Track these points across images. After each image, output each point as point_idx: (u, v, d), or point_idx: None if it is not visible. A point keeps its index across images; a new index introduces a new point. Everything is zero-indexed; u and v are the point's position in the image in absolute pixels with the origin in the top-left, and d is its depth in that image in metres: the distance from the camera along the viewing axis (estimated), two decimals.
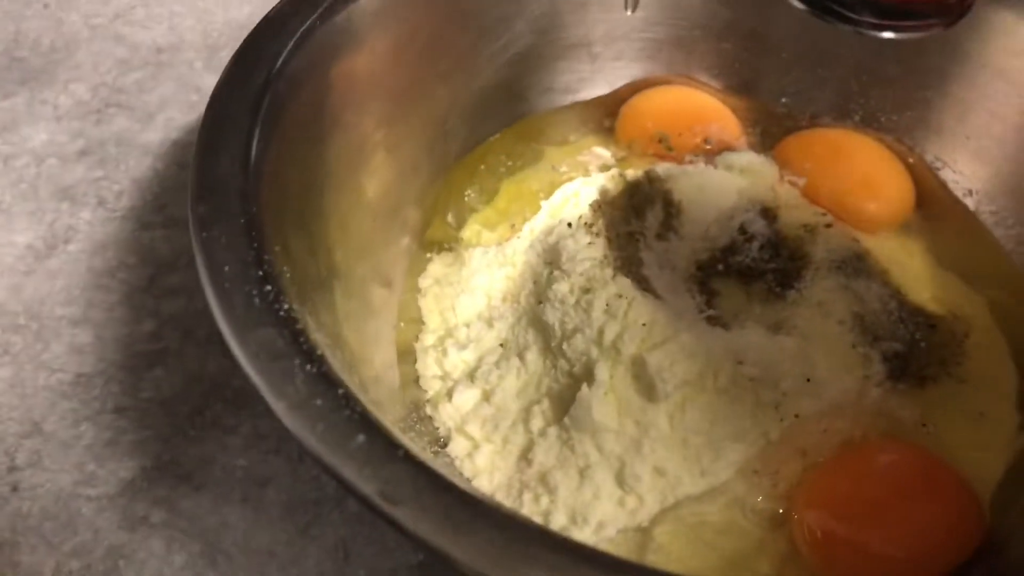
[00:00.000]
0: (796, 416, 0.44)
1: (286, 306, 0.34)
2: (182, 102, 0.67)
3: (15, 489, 0.46)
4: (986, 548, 0.40)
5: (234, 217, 0.36)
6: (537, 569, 0.27)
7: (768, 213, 0.52)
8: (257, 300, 0.33)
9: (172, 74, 0.69)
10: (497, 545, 0.27)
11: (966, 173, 0.54)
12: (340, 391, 0.31)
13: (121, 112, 0.66)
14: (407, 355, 0.50)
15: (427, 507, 0.28)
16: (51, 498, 0.46)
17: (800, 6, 0.36)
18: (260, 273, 0.34)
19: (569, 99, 0.60)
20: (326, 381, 0.31)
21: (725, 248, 0.51)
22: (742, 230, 0.51)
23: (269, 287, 0.34)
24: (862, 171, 0.55)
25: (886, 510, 0.40)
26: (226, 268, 0.34)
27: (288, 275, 0.36)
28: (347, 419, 0.30)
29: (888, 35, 0.36)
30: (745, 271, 0.50)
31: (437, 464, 0.30)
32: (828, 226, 0.51)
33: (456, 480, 0.29)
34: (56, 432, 0.49)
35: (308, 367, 0.32)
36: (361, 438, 0.30)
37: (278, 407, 0.31)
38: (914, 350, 0.47)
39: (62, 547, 0.45)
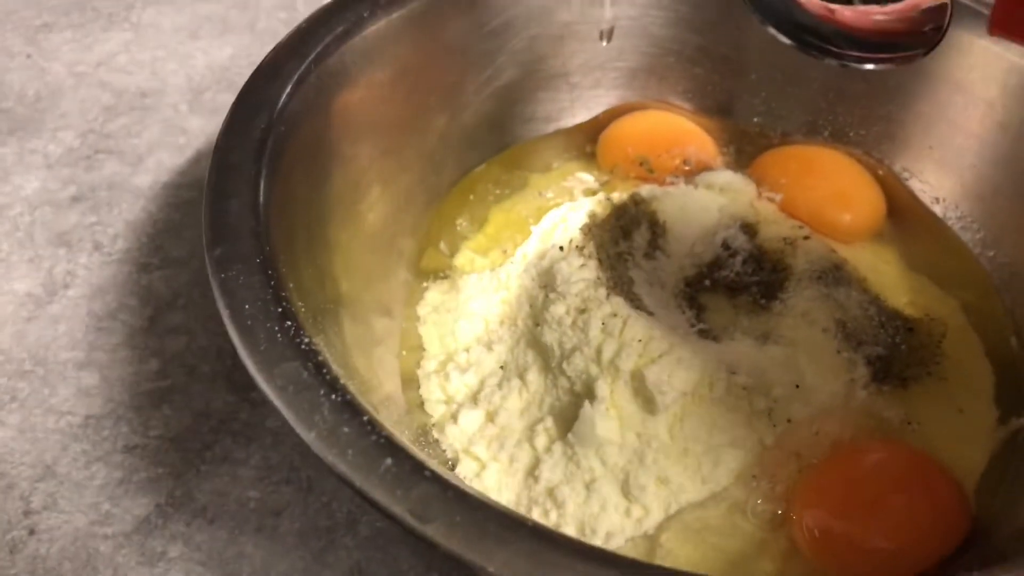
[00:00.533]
0: (788, 421, 0.46)
1: (307, 339, 0.35)
2: (170, 144, 0.69)
3: (32, 532, 0.47)
4: (974, 535, 0.42)
5: (249, 258, 0.38)
6: (567, 575, 0.29)
7: (749, 228, 0.55)
8: (279, 335, 0.35)
9: (158, 117, 0.71)
10: (528, 555, 0.29)
11: (932, 182, 0.57)
12: (365, 418, 0.33)
13: (110, 157, 0.67)
14: (410, 381, 0.51)
15: (457, 523, 0.30)
16: (68, 539, 0.47)
17: (787, 42, 0.38)
18: (279, 310, 0.36)
19: (551, 127, 0.62)
20: (351, 409, 0.33)
21: (710, 264, 0.53)
22: (725, 246, 0.54)
23: (289, 323, 0.35)
24: (835, 185, 0.57)
25: (878, 506, 0.42)
26: (246, 307, 0.36)
27: (303, 309, 0.38)
28: (374, 444, 0.32)
29: (870, 67, 0.38)
30: (731, 285, 0.53)
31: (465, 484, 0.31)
32: (806, 238, 0.54)
33: (482, 496, 0.31)
34: (69, 474, 0.50)
35: (333, 396, 0.33)
36: (389, 461, 0.31)
37: (308, 437, 0.32)
38: (895, 353, 0.50)
39: None
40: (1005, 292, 0.53)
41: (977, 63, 0.52)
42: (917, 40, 0.37)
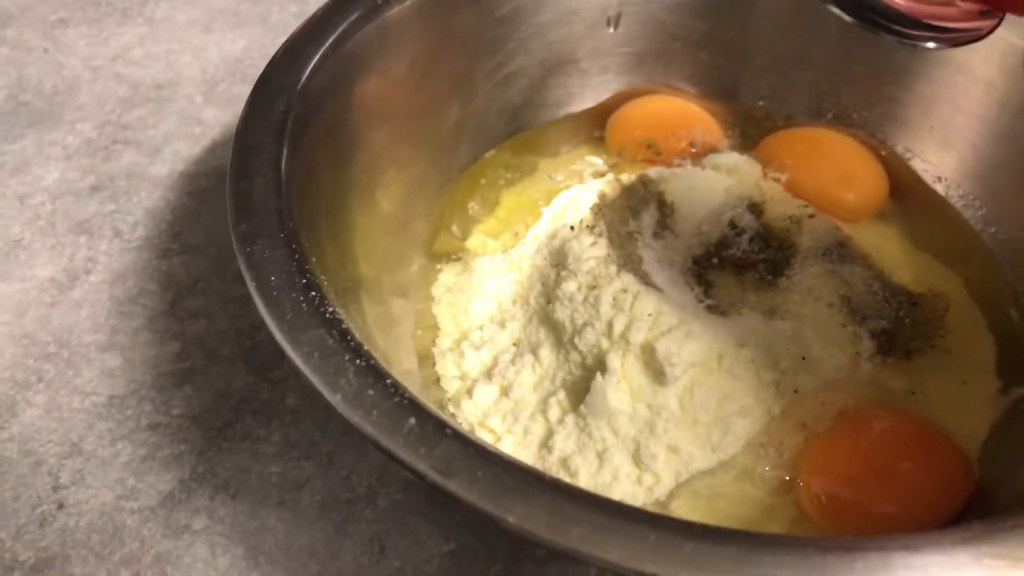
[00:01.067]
0: (795, 392, 0.47)
1: (331, 309, 0.36)
2: (186, 135, 0.70)
3: (61, 506, 0.49)
4: (977, 499, 0.43)
5: (274, 233, 0.39)
6: (584, 527, 0.30)
7: (755, 208, 0.56)
8: (304, 305, 0.36)
9: (174, 109, 0.72)
10: (546, 507, 0.30)
11: (934, 161, 0.58)
12: (388, 381, 0.34)
13: (128, 148, 0.69)
14: (426, 359, 0.52)
15: (478, 478, 0.31)
16: (96, 513, 0.49)
17: (847, 18, 0.38)
18: (304, 281, 0.37)
19: (561, 113, 0.64)
20: (375, 373, 0.34)
21: (718, 243, 0.55)
22: (732, 225, 0.55)
23: (314, 293, 0.37)
24: (839, 165, 0.59)
25: (883, 471, 0.44)
26: (272, 279, 0.37)
27: (327, 284, 0.39)
28: (398, 405, 0.33)
29: (931, 45, 0.38)
30: (738, 263, 0.54)
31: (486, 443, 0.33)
32: (811, 217, 0.55)
33: (502, 453, 0.32)
34: (95, 451, 0.51)
35: (358, 361, 0.35)
36: (412, 421, 0.33)
37: (335, 400, 0.34)
38: (899, 326, 0.51)
39: (112, 558, 0.47)
40: (1007, 267, 0.54)
41: (977, 44, 0.53)
42: (972, 23, 0.37)
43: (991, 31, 0.37)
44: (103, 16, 0.81)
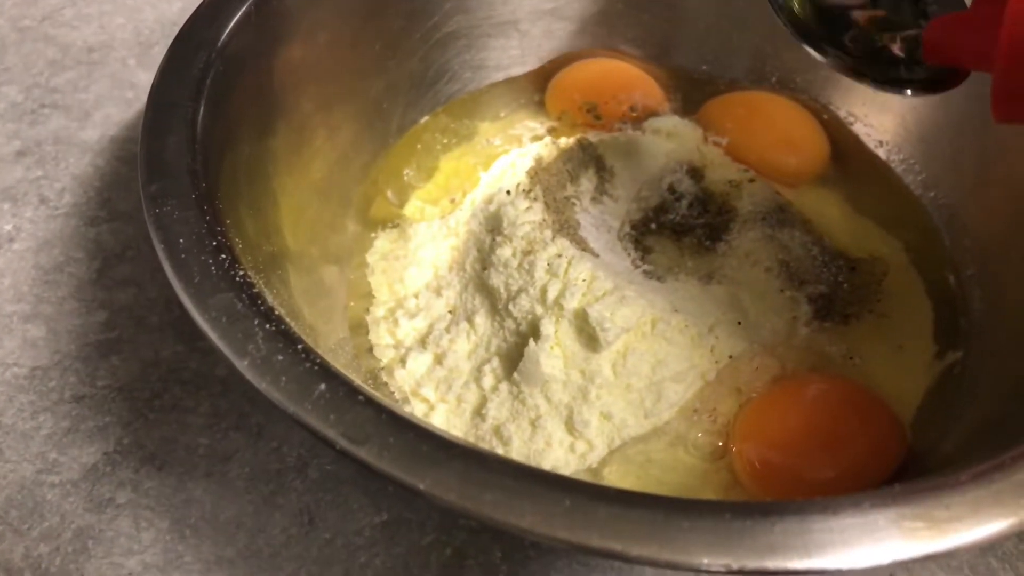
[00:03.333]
0: (730, 357, 0.47)
1: (242, 272, 0.35)
2: (118, 99, 0.68)
3: None
4: (910, 463, 0.43)
5: (185, 193, 0.38)
6: (497, 493, 0.29)
7: (695, 172, 0.55)
8: (213, 268, 0.35)
9: (105, 72, 0.70)
10: (458, 473, 0.29)
11: (876, 126, 0.58)
12: (299, 346, 0.33)
13: (56, 112, 0.66)
14: (359, 328, 0.51)
15: (389, 444, 0.30)
16: (15, 488, 0.47)
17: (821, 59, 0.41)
18: (214, 243, 0.36)
19: (500, 76, 0.62)
20: (285, 338, 0.33)
21: (657, 207, 0.54)
22: (671, 189, 0.54)
23: (224, 256, 0.35)
24: (781, 129, 0.58)
25: (816, 436, 0.43)
26: (181, 241, 0.36)
27: (240, 247, 0.38)
28: (308, 371, 0.32)
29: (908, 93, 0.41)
30: (676, 228, 0.53)
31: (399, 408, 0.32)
32: (752, 181, 0.54)
33: (416, 419, 0.31)
34: (15, 424, 0.49)
35: (268, 326, 0.33)
36: (323, 387, 0.32)
37: (241, 365, 0.32)
38: (837, 291, 0.50)
39: (30, 533, 0.46)
40: (944, 232, 0.53)
41: None
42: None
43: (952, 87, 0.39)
44: None
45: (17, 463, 0.48)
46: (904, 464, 0.43)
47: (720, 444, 0.45)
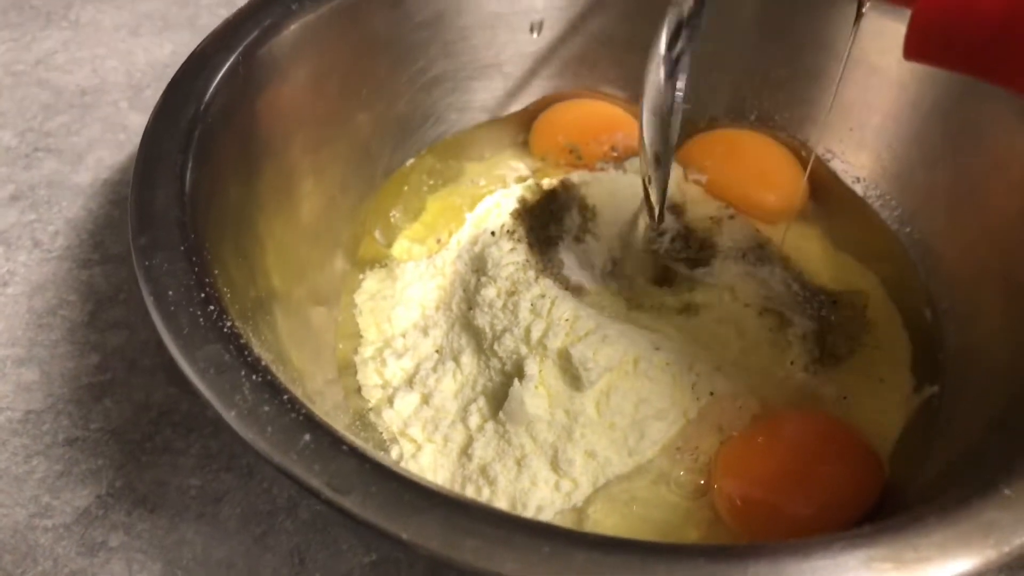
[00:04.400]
0: (711, 394, 0.47)
1: (229, 323, 0.36)
2: (110, 142, 0.69)
3: None
4: (889, 497, 0.44)
5: (174, 245, 0.38)
6: (478, 540, 0.30)
7: (676, 209, 0.56)
8: (201, 320, 0.36)
9: (98, 115, 0.71)
10: (439, 521, 0.30)
11: (853, 162, 0.59)
12: (285, 396, 0.34)
13: (50, 155, 0.68)
14: (348, 368, 0.52)
15: (373, 493, 0.31)
16: (8, 532, 0.48)
17: None
18: (202, 295, 0.37)
19: (485, 117, 0.63)
20: (271, 388, 0.34)
21: (639, 243, 0.55)
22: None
23: (212, 307, 0.36)
24: (759, 166, 0.59)
25: (795, 473, 0.44)
26: (170, 293, 0.37)
27: (228, 296, 0.38)
28: (293, 421, 0.33)
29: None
30: (659, 262, 0.54)
31: (382, 458, 0.32)
32: (731, 218, 0.56)
33: (399, 469, 0.32)
34: (9, 468, 0.50)
35: (254, 377, 0.34)
36: (307, 437, 0.32)
37: (228, 416, 0.33)
38: (825, 326, 0.52)
39: None
40: (920, 266, 0.54)
41: (889, 46, 0.53)
42: None
43: None
44: (26, 20, 0.79)
45: (10, 507, 0.49)
46: (883, 497, 0.44)
47: (702, 482, 0.45)
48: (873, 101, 0.56)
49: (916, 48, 0.34)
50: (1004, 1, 0.30)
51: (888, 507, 0.44)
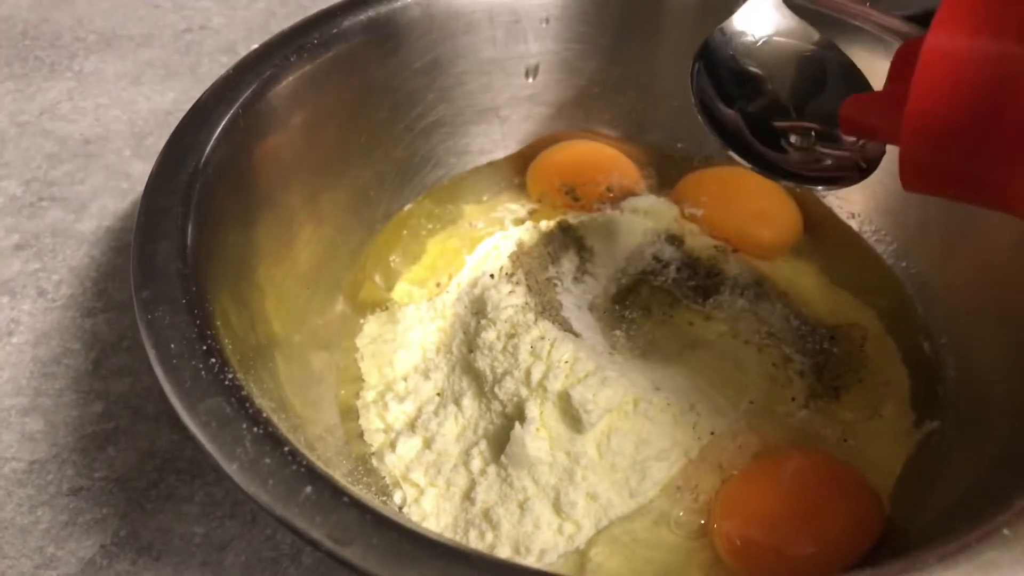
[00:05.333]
0: (712, 434, 0.48)
1: (231, 376, 0.36)
2: (113, 189, 0.70)
3: None
4: (891, 534, 0.44)
5: (176, 299, 0.39)
6: None
7: (675, 240, 0.57)
8: (203, 373, 0.36)
9: (101, 164, 0.72)
10: (440, 571, 0.30)
11: (847, 198, 0.60)
12: (286, 448, 0.34)
13: (54, 204, 0.68)
14: (350, 412, 0.52)
15: (374, 545, 0.31)
16: None
17: (747, 165, 0.44)
18: (204, 348, 0.37)
19: (483, 160, 0.64)
20: (272, 441, 0.34)
21: (643, 276, 0.55)
22: (656, 259, 0.56)
23: (214, 360, 0.37)
24: (755, 203, 0.60)
25: (794, 513, 0.44)
26: (172, 346, 0.37)
27: (230, 347, 0.39)
28: (294, 473, 0.33)
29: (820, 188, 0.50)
30: (668, 292, 0.54)
31: (383, 508, 0.33)
32: (731, 253, 0.56)
33: (400, 519, 0.32)
34: (14, 519, 0.50)
35: (255, 429, 0.35)
36: (309, 489, 0.33)
37: (230, 469, 0.33)
38: (820, 360, 0.52)
39: None
40: (917, 300, 0.55)
41: (881, 85, 0.54)
42: (856, 173, 0.42)
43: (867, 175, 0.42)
44: (30, 71, 0.80)
45: (15, 559, 0.49)
46: (887, 535, 0.44)
47: (703, 522, 0.45)
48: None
49: (911, 182, 0.35)
50: (979, 125, 0.31)
51: (889, 546, 0.44)
